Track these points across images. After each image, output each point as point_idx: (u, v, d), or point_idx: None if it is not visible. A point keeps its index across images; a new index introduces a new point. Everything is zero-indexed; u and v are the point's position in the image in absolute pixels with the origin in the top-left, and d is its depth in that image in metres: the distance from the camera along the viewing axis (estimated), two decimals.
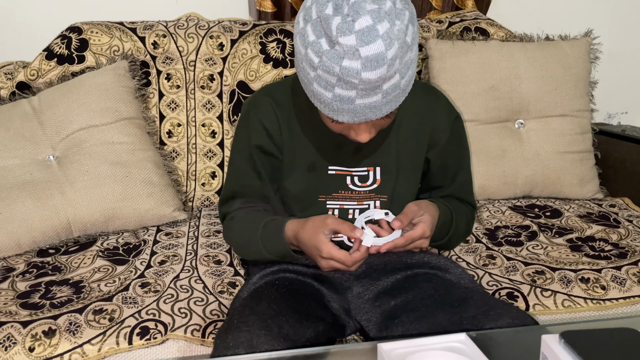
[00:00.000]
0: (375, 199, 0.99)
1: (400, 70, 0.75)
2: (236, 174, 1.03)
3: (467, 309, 0.85)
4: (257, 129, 0.98)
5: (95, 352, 0.92)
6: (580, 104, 1.56)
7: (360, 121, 0.78)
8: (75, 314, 0.98)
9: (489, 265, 1.17)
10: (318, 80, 0.75)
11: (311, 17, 0.74)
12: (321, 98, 0.77)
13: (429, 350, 0.63)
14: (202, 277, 1.12)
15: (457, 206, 1.01)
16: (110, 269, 1.16)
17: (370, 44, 0.70)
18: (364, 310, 0.97)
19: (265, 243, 0.93)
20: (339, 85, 0.74)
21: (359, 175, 0.98)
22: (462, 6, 1.83)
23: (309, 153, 0.98)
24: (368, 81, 0.72)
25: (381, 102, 0.76)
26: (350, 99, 0.75)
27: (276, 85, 1.03)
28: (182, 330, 0.96)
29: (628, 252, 1.21)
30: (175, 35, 1.54)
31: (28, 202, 1.24)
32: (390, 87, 0.75)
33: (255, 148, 0.98)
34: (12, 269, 1.17)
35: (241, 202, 1.02)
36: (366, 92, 0.74)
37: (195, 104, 1.54)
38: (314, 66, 0.74)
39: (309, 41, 0.74)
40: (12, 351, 0.91)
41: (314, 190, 0.98)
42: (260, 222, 0.95)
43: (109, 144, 1.34)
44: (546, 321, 1.03)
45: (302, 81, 0.81)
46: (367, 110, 0.76)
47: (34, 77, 1.47)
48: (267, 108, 0.98)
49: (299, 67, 0.80)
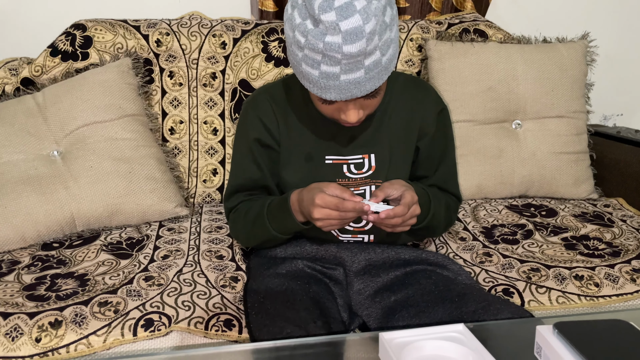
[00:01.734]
0: (371, 184, 1.03)
1: (381, 48, 0.80)
2: (237, 169, 1.08)
3: (467, 303, 0.87)
4: (255, 124, 1.04)
5: (101, 343, 0.94)
6: (577, 106, 1.59)
7: (347, 98, 0.83)
8: (80, 305, 1.00)
9: (485, 263, 1.20)
10: (305, 59, 0.81)
11: (297, 3, 0.82)
12: (309, 77, 0.83)
13: (429, 339, 0.65)
14: (204, 272, 1.14)
15: (435, 192, 1.04)
16: (115, 262, 1.17)
17: (349, 18, 0.76)
18: (364, 306, 0.99)
19: (272, 219, 0.98)
20: (324, 62, 0.79)
21: (355, 163, 1.03)
22: (461, 8, 1.86)
23: (306, 144, 1.03)
24: (350, 54, 0.77)
25: (364, 78, 0.81)
26: (335, 75, 0.80)
27: (272, 84, 1.09)
28: (185, 323, 0.97)
29: (621, 251, 1.23)
30: (179, 33, 1.56)
31: (33, 197, 1.26)
32: (372, 63, 0.80)
33: (254, 141, 1.04)
34: (17, 262, 1.19)
35: (244, 195, 1.07)
36: (349, 67, 0.79)
37: (198, 102, 1.56)
38: (301, 46, 0.80)
39: (295, 24, 0.81)
40: (19, 342, 0.93)
41: (312, 179, 1.00)
42: (265, 202, 1.00)
43: (113, 140, 1.36)
44: (541, 317, 1.06)
45: (292, 65, 0.87)
46: (352, 86, 0.81)
47: (38, 73, 1.48)
48: (264, 103, 1.04)
49: (289, 51, 0.86)
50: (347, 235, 1.06)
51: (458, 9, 1.86)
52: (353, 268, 1.04)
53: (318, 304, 0.92)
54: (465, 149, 1.52)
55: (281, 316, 0.86)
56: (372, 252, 1.05)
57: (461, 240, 1.31)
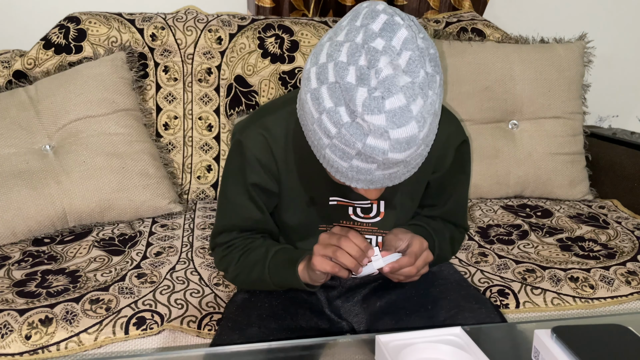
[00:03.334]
0: (378, 234, 0.94)
1: (428, 143, 0.68)
2: (232, 207, 0.92)
3: (439, 312, 0.87)
4: (253, 166, 0.88)
5: (92, 341, 0.93)
6: (573, 107, 1.58)
7: (376, 187, 0.72)
8: (71, 303, 0.98)
9: (480, 263, 1.19)
10: (333, 148, 0.67)
11: (327, 79, 0.65)
12: (334, 165, 0.69)
13: (426, 342, 0.64)
14: (197, 269, 1.13)
15: (438, 227, 0.97)
16: (106, 259, 1.16)
17: (403, 127, 0.62)
18: (353, 313, 0.98)
19: (273, 274, 0.88)
20: (358, 158, 0.66)
21: (362, 207, 0.93)
22: (459, 7, 1.85)
23: (308, 187, 0.91)
24: (395, 161, 0.66)
25: (402, 171, 0.69)
26: (369, 171, 0.68)
27: (271, 117, 0.89)
28: (178, 321, 0.96)
29: (616, 253, 1.23)
30: (174, 27, 1.54)
31: (24, 191, 1.24)
32: (414, 157, 0.68)
33: (253, 186, 0.89)
34: (7, 257, 1.17)
35: (240, 233, 0.94)
36: (388, 166, 0.67)
37: (193, 97, 1.55)
38: (330, 135, 0.66)
39: (324, 107, 0.65)
40: (9, 339, 0.92)
41: (314, 221, 0.93)
42: (269, 251, 0.89)
43: (106, 134, 1.35)
44: (536, 318, 1.06)
45: (310, 142, 0.72)
46: (386, 180, 0.70)
47: (30, 66, 1.46)
48: (260, 142, 0.88)
49: (307, 127, 0.71)
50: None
51: (456, 7, 1.85)
52: (348, 282, 1.02)
53: (295, 329, 0.88)
54: None
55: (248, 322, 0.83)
56: None
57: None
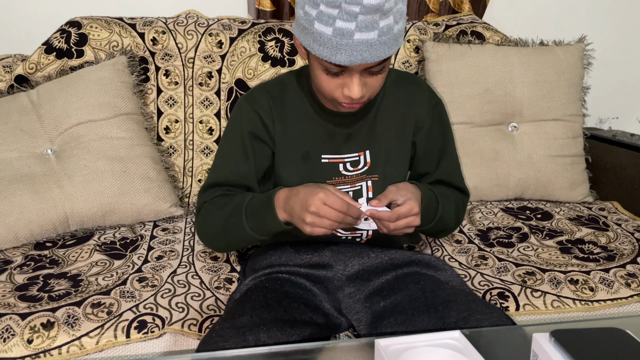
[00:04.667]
0: (367, 179, 1.03)
1: (395, 15, 0.82)
2: (223, 161, 1.03)
3: (450, 313, 0.87)
4: (251, 117, 1.01)
5: (94, 345, 0.93)
6: (573, 109, 1.59)
7: (357, 62, 0.82)
8: (73, 306, 0.99)
9: (480, 266, 1.19)
10: (320, 17, 0.80)
11: None
12: (322, 38, 0.81)
13: (425, 346, 0.65)
14: (198, 273, 1.13)
15: (443, 191, 1.03)
16: (108, 263, 1.17)
17: None
18: (355, 310, 0.98)
19: (249, 216, 0.92)
20: (340, 17, 0.79)
21: (351, 161, 1.02)
22: (459, 9, 1.85)
23: (302, 143, 1.01)
24: (369, 6, 0.77)
25: (377, 41, 0.81)
26: (349, 33, 0.80)
27: (268, 81, 1.07)
28: (179, 325, 0.97)
29: (616, 255, 1.24)
30: (175, 32, 1.55)
31: (26, 195, 1.25)
32: (386, 27, 0.81)
33: (248, 134, 1.00)
34: (9, 261, 1.18)
35: (223, 189, 1.00)
36: (365, 25, 0.79)
37: (193, 101, 1.55)
38: (317, 2, 0.80)
39: None
40: (11, 343, 0.92)
41: (309, 178, 0.99)
42: (246, 196, 0.95)
43: (107, 138, 1.35)
44: (536, 321, 1.06)
45: (303, 29, 0.85)
46: (364, 47, 0.81)
47: (32, 70, 1.47)
48: (261, 99, 1.01)
49: (300, 17, 0.85)
50: (346, 232, 1.05)
51: (455, 10, 1.86)
52: (346, 272, 1.03)
53: (289, 321, 0.89)
54: (461, 151, 1.52)
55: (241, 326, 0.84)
56: (366, 257, 1.05)
57: (456, 242, 1.31)
